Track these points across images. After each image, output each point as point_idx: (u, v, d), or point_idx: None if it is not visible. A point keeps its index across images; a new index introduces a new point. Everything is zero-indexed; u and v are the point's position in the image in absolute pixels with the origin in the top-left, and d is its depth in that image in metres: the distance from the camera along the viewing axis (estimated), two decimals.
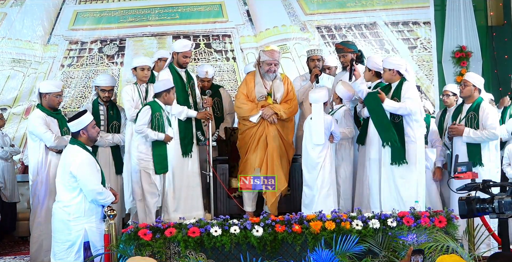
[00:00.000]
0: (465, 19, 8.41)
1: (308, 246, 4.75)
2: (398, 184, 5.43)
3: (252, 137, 5.88)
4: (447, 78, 8.38)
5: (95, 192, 4.75)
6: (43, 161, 5.66)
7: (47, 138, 5.59)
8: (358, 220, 4.84)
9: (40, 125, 5.62)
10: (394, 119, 5.49)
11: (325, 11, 8.65)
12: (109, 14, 8.65)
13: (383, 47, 8.58)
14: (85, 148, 4.89)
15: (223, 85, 7.79)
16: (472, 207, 3.72)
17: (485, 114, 5.68)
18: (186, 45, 6.00)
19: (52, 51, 8.57)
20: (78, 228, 4.79)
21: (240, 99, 5.94)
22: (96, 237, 4.79)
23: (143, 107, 5.66)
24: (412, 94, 5.43)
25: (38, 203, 5.67)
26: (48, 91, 5.75)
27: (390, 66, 5.52)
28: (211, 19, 8.64)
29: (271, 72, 5.90)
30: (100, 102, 6.06)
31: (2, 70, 8.51)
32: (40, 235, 5.65)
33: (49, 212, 5.47)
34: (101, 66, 8.49)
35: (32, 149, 5.73)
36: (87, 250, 4.80)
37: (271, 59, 5.86)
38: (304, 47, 8.34)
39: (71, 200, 4.81)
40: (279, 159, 5.83)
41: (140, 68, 6.03)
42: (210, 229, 4.74)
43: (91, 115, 5.04)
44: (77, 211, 4.80)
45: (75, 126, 4.90)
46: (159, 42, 8.59)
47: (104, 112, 5.98)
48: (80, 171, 4.75)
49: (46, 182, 5.65)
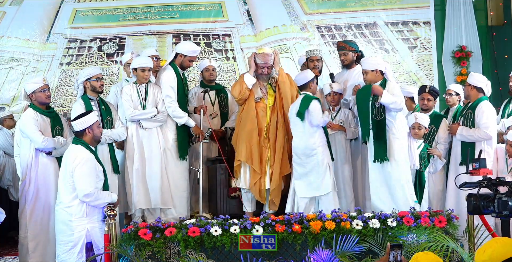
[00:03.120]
0: (465, 19, 8.40)
1: (308, 246, 4.75)
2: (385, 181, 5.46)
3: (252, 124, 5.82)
4: (447, 78, 8.38)
5: (82, 193, 4.74)
6: (33, 160, 5.58)
7: (35, 138, 5.51)
8: (358, 220, 4.85)
9: (30, 125, 5.54)
10: (377, 116, 5.51)
11: (325, 11, 8.64)
12: (109, 12, 8.64)
13: (383, 47, 8.57)
14: (88, 148, 4.88)
15: (223, 84, 7.80)
16: (478, 203, 3.75)
17: (480, 113, 5.70)
18: (195, 51, 6.04)
19: (51, 49, 8.55)
20: (80, 228, 4.79)
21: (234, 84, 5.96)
22: (99, 237, 4.79)
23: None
24: (398, 92, 5.49)
25: (24, 204, 5.57)
26: (33, 90, 5.67)
27: (372, 67, 5.55)
28: (211, 19, 8.63)
29: (264, 75, 5.89)
30: (91, 98, 5.79)
31: (1, 68, 8.49)
32: (25, 237, 5.55)
33: (35, 213, 5.49)
34: (100, 65, 8.47)
35: (22, 147, 5.64)
36: (90, 251, 4.79)
37: (263, 62, 5.82)
38: (304, 47, 8.33)
39: (72, 201, 4.82)
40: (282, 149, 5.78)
41: (141, 69, 5.92)
42: (210, 228, 4.73)
43: (95, 115, 5.03)
44: (78, 212, 4.80)
45: (80, 125, 4.91)
46: (159, 41, 8.58)
47: (97, 108, 5.78)
48: (77, 170, 4.77)
49: (35, 182, 5.56)
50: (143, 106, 5.88)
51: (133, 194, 5.76)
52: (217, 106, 6.59)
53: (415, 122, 5.75)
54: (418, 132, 5.77)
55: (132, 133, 5.86)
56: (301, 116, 5.53)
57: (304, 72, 5.85)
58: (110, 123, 5.81)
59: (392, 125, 5.48)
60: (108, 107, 5.88)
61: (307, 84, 5.68)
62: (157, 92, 5.95)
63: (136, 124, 5.87)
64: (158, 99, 5.94)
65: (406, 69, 8.51)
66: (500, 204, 3.63)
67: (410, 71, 8.52)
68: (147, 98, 5.92)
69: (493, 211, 3.70)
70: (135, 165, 5.81)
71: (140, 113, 5.84)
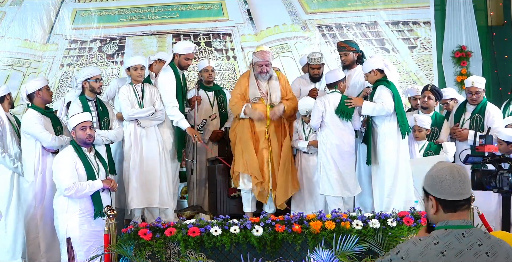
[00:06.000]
0: (465, 19, 8.39)
1: (308, 246, 4.76)
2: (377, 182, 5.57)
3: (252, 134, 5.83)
4: (447, 78, 8.37)
5: (63, 188, 4.85)
6: (40, 161, 5.58)
7: (43, 137, 5.50)
8: (358, 220, 4.85)
9: (36, 125, 5.53)
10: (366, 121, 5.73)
11: (326, 10, 8.63)
12: (109, 13, 8.63)
13: (383, 46, 8.57)
14: (76, 147, 4.97)
15: (223, 84, 7.80)
16: (481, 179, 3.78)
17: (491, 117, 5.75)
18: (189, 48, 5.98)
19: (51, 50, 8.53)
20: (62, 224, 4.92)
21: (234, 99, 5.91)
22: (76, 233, 4.85)
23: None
24: (384, 96, 5.50)
25: (34, 205, 5.56)
26: (40, 87, 5.67)
27: (368, 69, 5.63)
28: (212, 18, 8.62)
29: (264, 73, 5.85)
30: (89, 98, 5.75)
31: (2, 69, 8.49)
32: (36, 237, 5.56)
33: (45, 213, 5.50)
34: (101, 65, 8.47)
35: (27, 148, 5.62)
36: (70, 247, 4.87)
37: (262, 60, 5.79)
38: (305, 46, 8.33)
39: (56, 197, 5.02)
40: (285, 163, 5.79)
41: (133, 68, 5.88)
42: (210, 228, 4.74)
43: (81, 117, 5.08)
44: (60, 208, 4.95)
45: (69, 126, 5.04)
46: (159, 41, 8.57)
47: (94, 109, 5.75)
48: (54, 166, 4.98)
49: (43, 183, 5.58)
50: (140, 105, 5.88)
51: (130, 194, 5.75)
52: (216, 107, 6.58)
53: (415, 125, 5.77)
54: (419, 134, 5.78)
55: (130, 132, 5.85)
56: (349, 116, 5.63)
57: (336, 71, 5.90)
58: (107, 124, 5.79)
59: (378, 128, 5.57)
60: (106, 108, 5.85)
61: (337, 83, 5.74)
62: (154, 91, 5.95)
63: (135, 123, 5.86)
64: (155, 98, 5.93)
65: (406, 69, 8.50)
66: (501, 180, 3.66)
67: (410, 71, 8.51)
68: (144, 97, 5.91)
69: (494, 186, 3.75)
70: (132, 164, 5.80)
71: (138, 111, 5.83)
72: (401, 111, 5.57)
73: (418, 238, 2.34)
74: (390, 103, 5.48)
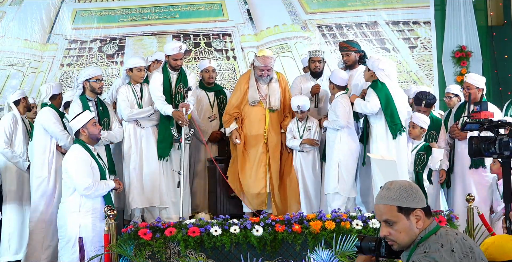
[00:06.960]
0: (465, 19, 8.39)
1: (308, 246, 4.76)
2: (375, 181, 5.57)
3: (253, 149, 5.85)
4: (447, 78, 8.37)
5: (82, 188, 4.85)
6: (54, 158, 5.66)
7: (63, 137, 5.63)
8: (358, 219, 4.85)
9: (56, 123, 5.68)
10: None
11: (326, 10, 8.63)
12: (109, 13, 8.62)
13: (383, 46, 8.57)
14: (85, 146, 4.96)
15: (223, 84, 7.78)
16: (479, 146, 3.77)
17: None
18: (174, 48, 5.91)
19: (51, 50, 8.53)
20: (73, 224, 4.89)
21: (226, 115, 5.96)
22: (89, 233, 4.87)
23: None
24: (371, 96, 5.57)
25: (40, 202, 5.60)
26: (59, 92, 5.95)
27: (370, 67, 5.69)
28: (212, 18, 8.62)
29: (264, 76, 5.89)
30: (89, 98, 5.75)
31: (2, 69, 8.49)
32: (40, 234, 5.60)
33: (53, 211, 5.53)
34: (101, 66, 8.47)
35: (41, 144, 5.68)
36: (81, 247, 4.85)
37: (263, 65, 5.83)
38: (305, 46, 8.33)
39: (67, 196, 4.98)
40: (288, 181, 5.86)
41: (137, 69, 5.91)
42: (210, 228, 4.74)
43: (90, 113, 5.08)
44: (72, 207, 4.92)
45: (75, 125, 5.03)
46: (159, 41, 8.57)
47: (95, 109, 5.76)
48: (70, 167, 4.92)
49: (54, 181, 5.63)
50: (139, 106, 5.92)
51: (131, 193, 5.76)
52: (216, 108, 6.57)
53: (410, 121, 5.75)
54: (412, 130, 5.74)
55: (129, 132, 5.87)
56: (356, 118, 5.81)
57: (342, 73, 5.90)
58: (107, 125, 5.80)
59: (372, 129, 5.66)
60: (106, 109, 5.86)
61: (346, 86, 5.83)
62: None
63: (134, 123, 5.89)
64: None
65: (407, 69, 8.50)
66: (501, 144, 3.65)
67: (410, 71, 8.51)
68: (142, 97, 5.95)
69: (494, 152, 3.73)
70: (132, 164, 5.82)
71: (137, 112, 5.86)
72: (391, 112, 5.56)
73: None
74: (374, 103, 5.53)
